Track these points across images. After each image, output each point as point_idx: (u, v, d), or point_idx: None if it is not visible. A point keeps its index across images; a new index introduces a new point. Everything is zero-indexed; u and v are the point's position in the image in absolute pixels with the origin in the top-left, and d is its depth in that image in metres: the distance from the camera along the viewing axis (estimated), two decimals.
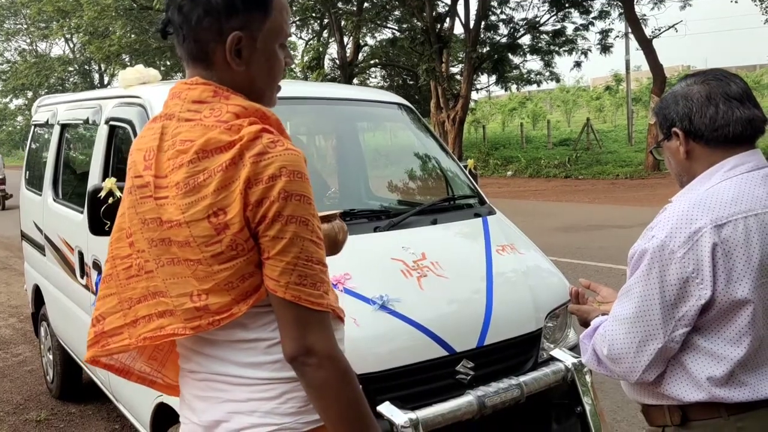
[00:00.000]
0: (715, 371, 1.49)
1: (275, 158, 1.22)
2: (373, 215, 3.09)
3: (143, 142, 1.36)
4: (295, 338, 1.24)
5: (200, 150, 1.24)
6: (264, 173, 1.21)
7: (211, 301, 1.27)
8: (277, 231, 1.22)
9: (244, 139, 1.23)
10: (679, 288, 1.46)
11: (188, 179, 1.24)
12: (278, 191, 1.20)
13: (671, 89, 1.66)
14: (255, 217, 1.22)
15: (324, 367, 1.24)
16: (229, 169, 1.21)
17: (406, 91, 25.95)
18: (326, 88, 3.77)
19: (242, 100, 1.31)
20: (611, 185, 16.93)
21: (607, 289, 1.88)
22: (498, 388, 2.42)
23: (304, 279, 1.23)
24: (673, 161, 1.64)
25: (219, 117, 1.28)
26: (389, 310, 2.45)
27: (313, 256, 1.24)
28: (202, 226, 1.24)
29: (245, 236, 1.23)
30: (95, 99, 3.85)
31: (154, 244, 1.31)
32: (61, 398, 4.51)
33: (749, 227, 1.47)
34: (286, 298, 1.23)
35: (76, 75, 37.41)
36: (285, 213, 1.21)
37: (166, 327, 1.33)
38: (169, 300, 1.32)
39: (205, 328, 1.30)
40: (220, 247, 1.24)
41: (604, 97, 33.75)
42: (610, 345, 1.55)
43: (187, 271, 1.28)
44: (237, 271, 1.25)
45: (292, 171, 1.22)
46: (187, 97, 1.32)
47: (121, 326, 1.39)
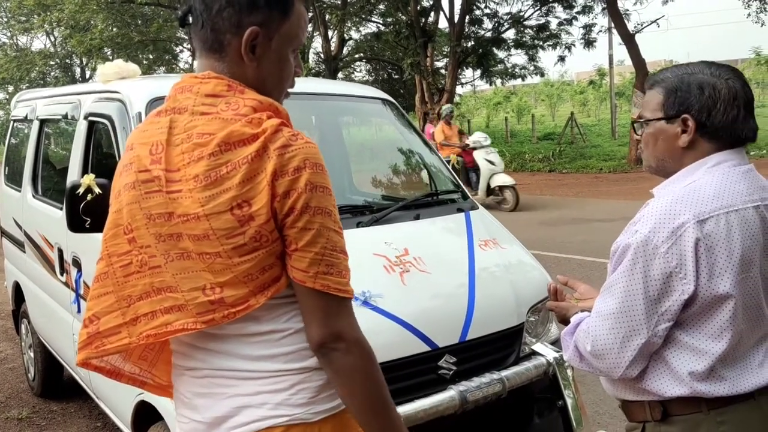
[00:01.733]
0: (696, 366, 1.50)
1: (298, 150, 1.24)
2: (356, 210, 3.08)
3: (147, 135, 1.34)
4: (324, 325, 1.27)
5: (222, 142, 1.24)
6: (289, 165, 1.23)
7: (227, 294, 1.27)
8: (305, 222, 1.24)
9: (267, 132, 1.24)
10: (662, 283, 1.47)
11: (209, 172, 1.24)
12: (304, 183, 1.23)
13: (688, 71, 1.56)
14: (283, 209, 1.24)
15: (352, 352, 1.27)
16: (254, 161, 1.23)
17: (391, 86, 25.91)
18: (309, 83, 3.75)
19: (256, 94, 1.32)
20: (595, 179, 17.03)
21: (585, 285, 1.89)
22: (480, 383, 2.43)
23: (332, 268, 1.26)
24: (663, 145, 1.58)
25: (237, 110, 1.28)
26: (371, 306, 2.45)
27: (337, 245, 1.27)
28: (225, 218, 1.24)
29: (271, 227, 1.25)
30: (74, 94, 3.80)
31: (163, 239, 1.30)
32: (43, 396, 4.47)
33: (731, 222, 1.47)
34: (315, 288, 1.25)
35: (58, 69, 36.95)
36: (312, 204, 1.24)
37: (173, 323, 1.31)
38: (180, 295, 1.30)
39: (219, 322, 1.29)
40: (243, 239, 1.24)
41: (588, 92, 33.95)
42: (593, 341, 1.55)
43: (200, 265, 1.28)
44: (258, 263, 1.26)
45: (315, 163, 1.25)
46: (200, 91, 1.32)
47: (119, 325, 1.36)
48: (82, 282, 3.17)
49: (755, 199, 1.53)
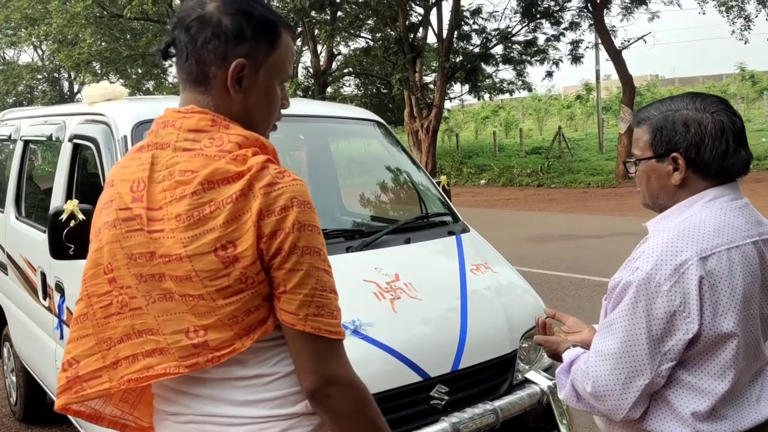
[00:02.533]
0: (699, 406, 1.47)
1: (285, 189, 1.20)
2: (346, 235, 3.04)
3: (129, 172, 1.29)
4: (315, 370, 1.23)
5: (205, 180, 1.20)
6: (276, 204, 1.19)
7: (211, 337, 1.23)
8: (293, 263, 1.20)
9: (252, 169, 1.20)
10: (666, 322, 1.43)
11: (192, 211, 1.20)
12: (292, 222, 1.19)
13: (673, 107, 1.54)
14: (270, 250, 1.19)
15: (346, 395, 1.24)
16: (239, 200, 1.18)
17: (380, 101, 25.99)
18: (299, 105, 3.71)
19: (242, 129, 1.28)
20: (583, 194, 17.11)
21: (573, 318, 1.86)
22: (473, 414, 2.38)
23: (322, 309, 1.22)
24: (656, 183, 1.57)
25: (221, 147, 1.24)
26: (362, 335, 2.40)
27: (327, 285, 1.24)
28: (208, 259, 1.19)
29: (257, 269, 1.20)
30: (59, 115, 3.75)
31: (144, 279, 1.25)
32: (25, 421, 4.36)
33: (732, 259, 1.45)
34: (306, 331, 1.21)
35: (45, 83, 36.76)
36: (300, 244, 1.20)
37: (155, 366, 1.26)
38: (162, 338, 1.26)
39: (203, 366, 1.24)
40: (227, 280, 1.20)
41: (575, 106, 34.16)
42: (594, 382, 1.51)
43: (182, 307, 1.23)
44: (243, 305, 1.22)
45: (303, 201, 1.21)
46: (183, 126, 1.27)
47: (100, 369, 1.31)
48: (65, 307, 3.10)
49: (753, 234, 1.51)
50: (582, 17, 19.71)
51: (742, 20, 18.29)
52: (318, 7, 19.28)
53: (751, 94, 30.86)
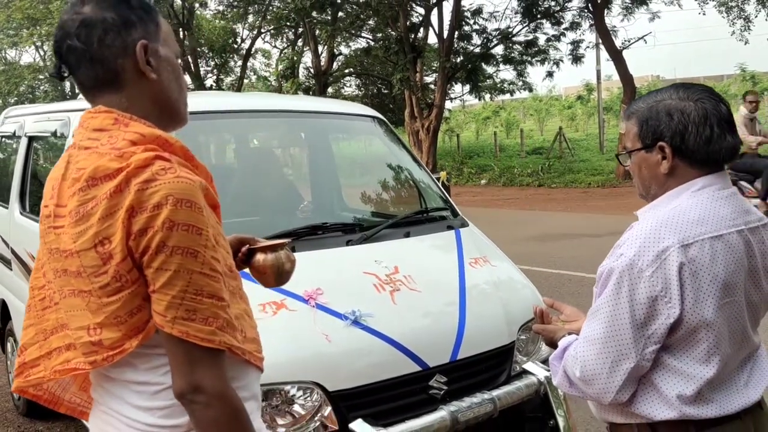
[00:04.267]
0: (684, 390, 1.50)
1: (162, 186, 1.18)
2: (346, 228, 3.08)
3: (54, 171, 1.35)
4: (183, 374, 1.20)
5: (89, 178, 1.22)
6: (149, 201, 1.18)
7: (105, 335, 1.25)
8: (160, 262, 1.18)
9: (131, 165, 1.20)
10: (648, 306, 1.47)
11: (79, 207, 1.23)
12: (162, 220, 1.17)
13: (657, 98, 1.58)
14: (138, 248, 1.18)
15: (212, 407, 1.21)
16: (113, 196, 1.19)
17: (381, 101, 26.01)
18: (299, 101, 3.76)
19: (143, 127, 1.29)
20: (584, 194, 17.12)
21: (571, 308, 1.89)
22: (471, 403, 2.42)
23: (193, 314, 1.19)
24: (647, 173, 1.61)
25: (114, 144, 1.26)
26: (361, 325, 2.44)
27: (204, 290, 1.20)
28: (90, 255, 1.21)
29: (128, 267, 1.20)
30: (63, 111, 3.78)
31: (58, 274, 1.30)
32: (29, 415, 4.39)
33: (715, 248, 1.48)
34: (173, 334, 1.19)
35: (47, 83, 36.81)
36: (169, 243, 1.17)
37: (71, 361, 1.32)
38: (71, 333, 1.30)
39: (101, 364, 1.27)
40: (106, 278, 1.21)
41: (576, 106, 34.18)
42: (582, 367, 1.55)
43: (82, 303, 1.26)
44: (124, 305, 1.22)
45: (180, 199, 1.18)
46: (89, 126, 1.31)
47: (38, 358, 1.37)
48: None
49: (739, 223, 1.54)
50: (582, 17, 19.72)
51: (742, 21, 18.29)
52: (319, 8, 19.33)
53: None
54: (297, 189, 3.82)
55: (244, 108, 3.36)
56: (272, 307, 2.40)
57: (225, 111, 3.31)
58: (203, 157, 1.22)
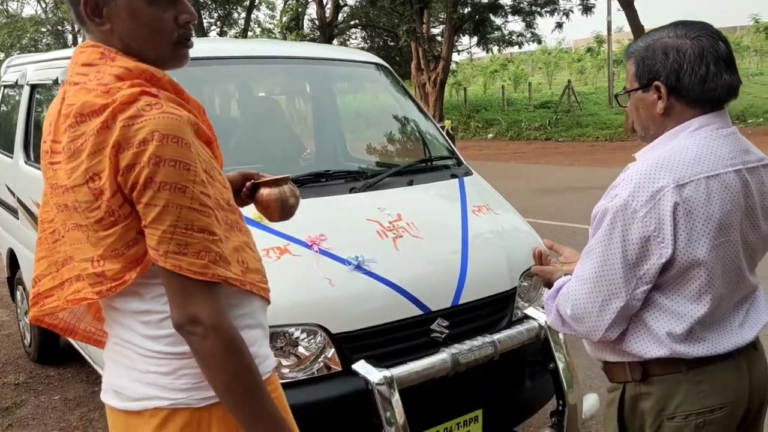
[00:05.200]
0: (675, 328, 1.52)
1: (147, 122, 1.19)
2: (349, 176, 3.07)
3: (50, 108, 1.37)
4: (180, 307, 1.24)
5: (77, 114, 1.23)
6: (135, 137, 1.18)
7: (107, 267, 1.28)
8: (149, 198, 1.20)
9: (117, 101, 1.21)
10: (640, 247, 1.47)
11: (70, 144, 1.24)
12: (148, 156, 1.18)
13: (656, 37, 1.56)
14: (127, 183, 1.20)
15: (209, 337, 1.24)
16: (100, 132, 1.20)
17: (387, 53, 25.65)
18: (301, 48, 3.71)
19: (129, 61, 1.29)
20: (591, 147, 17.01)
21: (570, 249, 1.89)
22: (472, 346, 2.45)
23: (185, 248, 1.21)
24: (645, 113, 1.60)
25: (101, 80, 1.26)
26: (364, 270, 2.46)
27: (194, 224, 1.22)
28: (83, 191, 1.24)
29: (119, 202, 1.22)
30: (65, 58, 3.75)
31: (60, 209, 1.32)
32: (39, 361, 4.50)
33: (710, 188, 1.47)
34: (166, 268, 1.22)
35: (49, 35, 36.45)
36: (156, 179, 1.19)
37: (81, 291, 1.36)
38: (77, 264, 1.34)
39: (106, 294, 1.31)
40: (99, 212, 1.24)
41: (585, 59, 33.65)
42: (573, 305, 1.57)
43: (83, 237, 1.29)
44: (120, 238, 1.25)
45: (166, 135, 1.19)
46: (78, 61, 1.32)
47: (52, 288, 1.41)
48: None
49: (737, 162, 1.52)
50: None
51: None
52: None
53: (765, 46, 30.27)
54: (299, 137, 3.80)
55: (245, 54, 3.32)
56: (276, 252, 2.42)
57: (226, 57, 3.27)
58: (204, 104, 1.21)
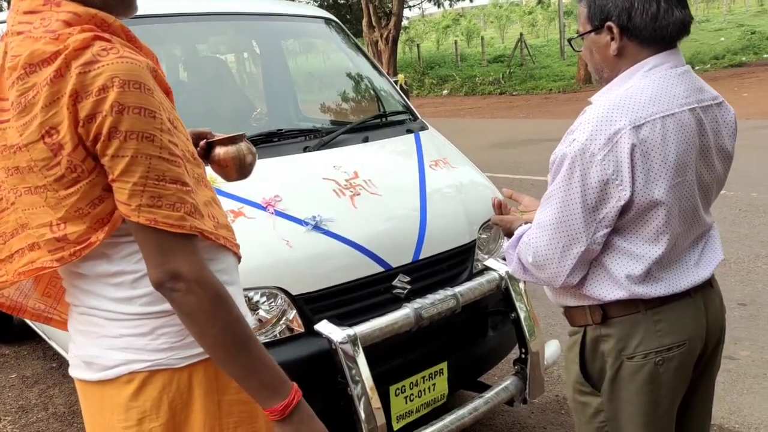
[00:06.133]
0: (633, 269, 1.53)
1: (105, 68, 1.10)
2: (302, 135, 3.00)
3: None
4: (159, 264, 1.16)
5: (26, 64, 1.13)
6: (93, 85, 1.10)
7: (69, 230, 1.19)
8: (115, 149, 1.12)
9: (69, 48, 1.12)
10: (599, 190, 1.46)
11: (20, 98, 1.14)
12: (110, 104, 1.10)
13: None
14: (89, 135, 1.12)
15: (193, 292, 1.17)
16: (54, 82, 1.11)
17: (337, 10, 25.17)
18: (248, 3, 3.57)
19: (77, 6, 1.19)
20: (545, 100, 17.13)
21: (529, 198, 1.89)
22: (434, 300, 2.44)
23: (158, 200, 1.14)
24: (598, 56, 1.58)
25: (48, 27, 1.16)
26: (323, 230, 2.41)
27: (166, 175, 1.15)
28: (39, 147, 1.14)
29: (81, 156, 1.14)
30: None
31: (10, 173, 1.21)
32: None
33: (666, 127, 1.46)
34: (140, 222, 1.14)
35: None
36: (121, 128, 1.11)
37: (36, 261, 1.25)
38: (33, 231, 1.23)
39: (68, 260, 1.22)
40: (59, 170, 1.14)
41: (536, 12, 33.65)
42: (534, 252, 1.56)
43: (40, 200, 1.19)
44: (83, 196, 1.17)
45: (126, 81, 1.11)
46: (19, 8, 1.21)
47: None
48: None
49: (691, 101, 1.52)
50: None
51: None
52: None
53: None
54: (249, 97, 3.69)
55: (188, 11, 3.17)
56: (230, 216, 2.36)
57: (169, 15, 3.13)
58: None
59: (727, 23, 25.89)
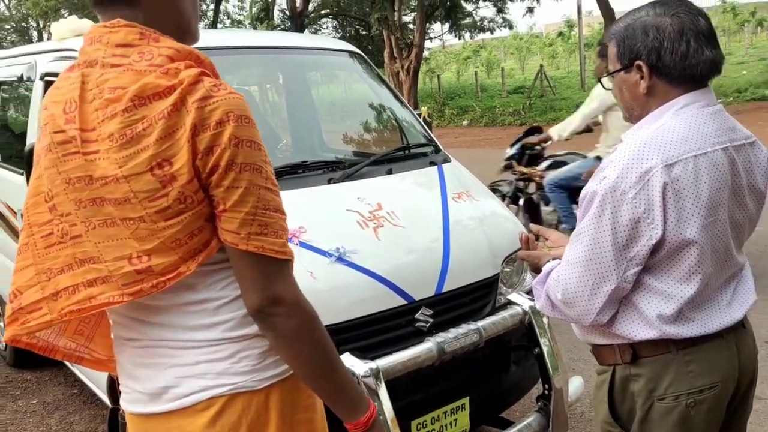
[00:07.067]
0: (665, 309, 1.51)
1: (220, 102, 1.16)
2: (327, 166, 3.03)
3: (61, 93, 1.24)
4: (261, 289, 1.20)
5: (136, 97, 1.15)
6: (210, 119, 1.14)
7: (155, 261, 1.19)
8: (231, 180, 1.16)
9: (184, 83, 1.15)
10: (630, 228, 1.45)
11: (124, 130, 1.15)
12: (228, 137, 1.15)
13: (635, 17, 1.55)
14: (206, 167, 1.15)
15: (293, 315, 1.22)
16: (171, 115, 1.14)
17: (359, 42, 25.55)
18: (274, 36, 3.64)
19: (173, 42, 1.23)
20: None
21: (557, 233, 1.88)
22: (457, 334, 2.43)
23: (265, 228, 1.19)
24: (628, 94, 1.58)
25: (151, 61, 1.19)
26: (346, 261, 2.42)
27: (270, 204, 1.20)
28: (145, 179, 1.15)
29: (195, 187, 1.16)
30: (29, 54, 3.65)
31: (83, 204, 1.21)
32: (16, 366, 4.40)
33: (699, 166, 1.46)
34: (249, 250, 1.18)
35: (13, 33, 35.70)
36: (237, 161, 1.16)
37: (97, 296, 1.23)
38: (103, 266, 1.22)
39: (148, 293, 1.21)
40: (166, 201, 1.16)
41: (556, 44, 33.86)
42: (564, 289, 1.55)
43: (124, 232, 1.19)
44: (185, 227, 1.19)
45: (240, 116, 1.16)
46: (110, 41, 1.21)
47: (39, 300, 1.27)
48: None
49: (723, 140, 1.51)
50: None
51: None
52: None
53: (732, 26, 30.71)
54: (275, 129, 3.74)
55: (216, 45, 3.24)
56: None
57: (199, 48, 3.19)
58: None
59: (749, 57, 25.83)
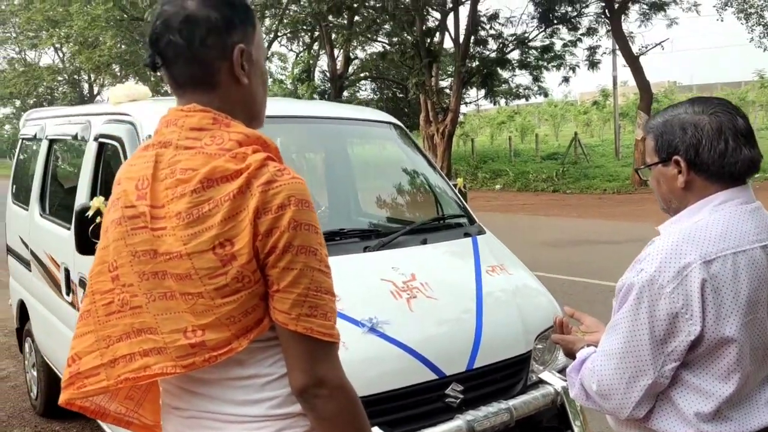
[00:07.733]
0: (703, 407, 1.49)
1: (283, 187, 1.21)
2: (364, 235, 3.08)
3: (135, 170, 1.32)
4: (306, 370, 1.23)
5: (205, 179, 1.21)
6: (273, 202, 1.20)
7: (209, 336, 1.24)
8: (287, 262, 1.20)
9: (251, 167, 1.21)
10: (668, 323, 1.45)
11: (191, 209, 1.21)
12: (288, 221, 1.20)
13: (673, 113, 1.59)
14: (264, 248, 1.20)
15: (335, 398, 1.24)
16: (236, 198, 1.20)
17: (396, 104, 26.05)
18: (316, 107, 3.77)
19: (243, 127, 1.29)
20: (599, 200, 17.03)
21: (592, 318, 1.87)
22: (487, 412, 2.41)
23: (315, 310, 1.22)
24: (666, 187, 1.61)
25: (222, 145, 1.25)
26: (379, 332, 2.44)
27: (322, 286, 1.23)
28: (207, 257, 1.20)
29: (253, 268, 1.21)
30: (84, 115, 3.82)
31: (146, 277, 1.26)
32: (45, 415, 4.43)
33: (738, 264, 1.46)
34: (298, 331, 1.21)
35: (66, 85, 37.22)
36: (295, 243, 1.20)
37: (152, 366, 1.28)
38: (160, 337, 1.27)
39: (200, 366, 1.26)
40: (224, 279, 1.21)
41: (591, 112, 34.06)
42: (599, 381, 1.54)
43: (182, 306, 1.24)
44: (241, 305, 1.23)
45: (300, 200, 1.21)
46: (185, 125, 1.29)
47: (98, 366, 1.33)
48: None
49: (763, 238, 1.51)
50: (599, 23, 19.66)
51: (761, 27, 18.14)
52: (335, 12, 19.39)
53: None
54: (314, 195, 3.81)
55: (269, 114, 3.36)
56: None
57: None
58: None
59: None
